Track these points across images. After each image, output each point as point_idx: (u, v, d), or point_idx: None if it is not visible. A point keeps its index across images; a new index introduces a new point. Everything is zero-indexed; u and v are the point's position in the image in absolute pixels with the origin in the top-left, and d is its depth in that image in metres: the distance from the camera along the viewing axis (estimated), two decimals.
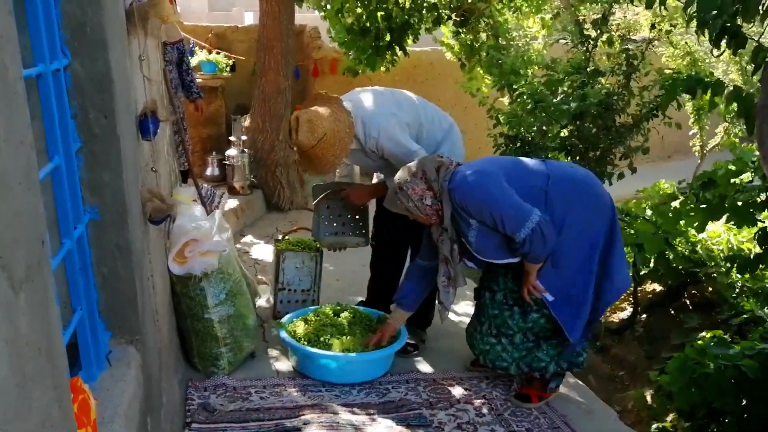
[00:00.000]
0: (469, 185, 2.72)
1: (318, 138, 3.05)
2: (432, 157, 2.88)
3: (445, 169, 2.80)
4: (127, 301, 1.88)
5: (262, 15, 5.99)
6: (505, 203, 2.66)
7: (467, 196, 2.72)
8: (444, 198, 2.78)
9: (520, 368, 2.99)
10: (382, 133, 3.13)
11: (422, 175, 2.80)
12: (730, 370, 3.29)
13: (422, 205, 2.80)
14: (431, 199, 2.80)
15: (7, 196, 0.84)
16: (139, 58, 2.25)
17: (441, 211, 2.82)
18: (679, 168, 8.60)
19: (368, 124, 3.15)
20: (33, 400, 0.89)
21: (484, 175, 2.74)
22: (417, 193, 2.80)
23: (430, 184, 2.79)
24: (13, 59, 0.90)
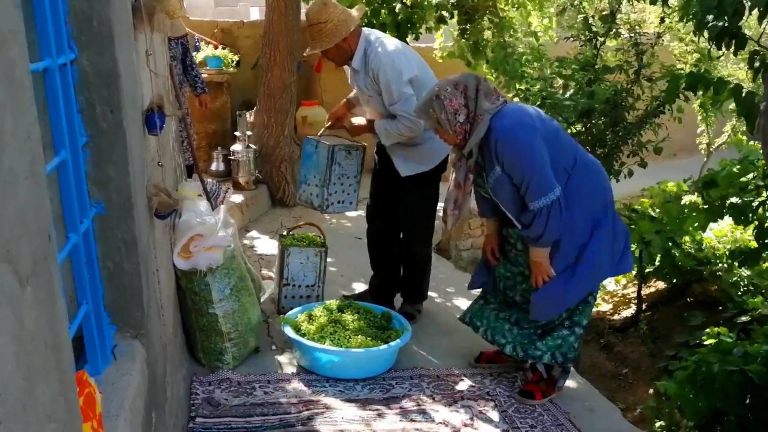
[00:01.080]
0: (516, 135, 2.68)
1: (319, 21, 3.34)
2: (477, 76, 2.81)
3: (489, 97, 2.74)
4: (133, 295, 1.89)
5: (268, 11, 5.98)
6: (538, 167, 2.66)
7: (508, 144, 2.68)
8: (479, 125, 2.72)
9: (516, 351, 3.02)
10: (389, 64, 3.32)
11: (463, 90, 2.73)
12: (736, 374, 3.28)
13: (454, 120, 2.74)
14: (464, 117, 2.74)
15: (13, 190, 0.84)
16: (145, 52, 2.25)
17: (469, 134, 2.76)
18: (685, 166, 8.58)
19: (381, 52, 3.37)
20: (39, 393, 0.89)
21: (531, 131, 2.70)
22: (453, 105, 2.73)
23: (468, 102, 2.73)
24: (21, 53, 0.90)
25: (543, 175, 2.67)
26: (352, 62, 3.45)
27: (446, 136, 2.81)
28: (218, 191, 5.25)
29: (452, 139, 2.81)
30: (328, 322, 3.31)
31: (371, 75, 3.39)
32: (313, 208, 3.83)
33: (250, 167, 6.02)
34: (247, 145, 6.03)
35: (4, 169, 0.81)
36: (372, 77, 3.39)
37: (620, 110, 4.55)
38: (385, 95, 3.37)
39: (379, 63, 3.35)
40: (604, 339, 5.54)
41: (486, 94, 2.74)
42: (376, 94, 3.44)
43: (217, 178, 6.13)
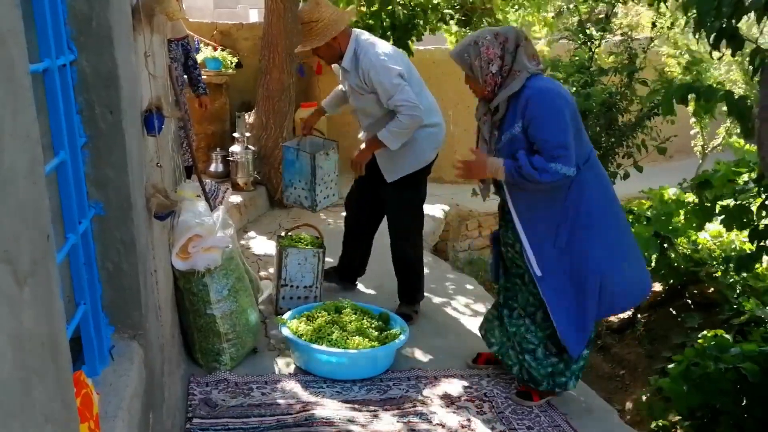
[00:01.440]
0: (551, 99, 2.68)
1: (312, 19, 3.47)
2: (520, 32, 2.78)
3: (529, 57, 2.71)
4: (131, 296, 1.89)
5: (267, 13, 5.99)
6: (563, 135, 2.65)
7: (541, 105, 2.66)
8: (513, 80, 2.70)
9: (521, 374, 3.00)
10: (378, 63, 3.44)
11: (503, 42, 2.71)
12: (731, 372, 3.30)
13: (486, 69, 2.72)
14: (497, 69, 2.72)
15: (12, 190, 0.84)
16: (144, 54, 2.25)
17: (499, 87, 2.74)
18: (681, 168, 8.58)
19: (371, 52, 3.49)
20: (36, 394, 0.89)
21: (565, 104, 2.70)
22: (489, 54, 2.71)
23: (505, 55, 2.71)
24: (20, 54, 0.90)
25: (567, 144, 2.65)
26: (343, 62, 3.55)
27: (475, 86, 2.80)
28: (217, 192, 5.25)
29: (480, 90, 2.79)
30: (325, 323, 3.31)
31: (361, 75, 3.49)
32: (303, 207, 4.03)
33: (249, 168, 6.02)
34: (246, 146, 6.03)
35: (4, 169, 0.81)
36: (362, 77, 3.48)
37: (614, 112, 4.56)
38: (381, 92, 3.45)
39: (369, 63, 3.44)
40: (602, 340, 5.55)
41: (526, 53, 2.72)
42: (366, 92, 3.54)
43: (215, 179, 6.14)
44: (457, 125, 8.85)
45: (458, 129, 8.85)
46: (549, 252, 2.79)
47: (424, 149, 3.61)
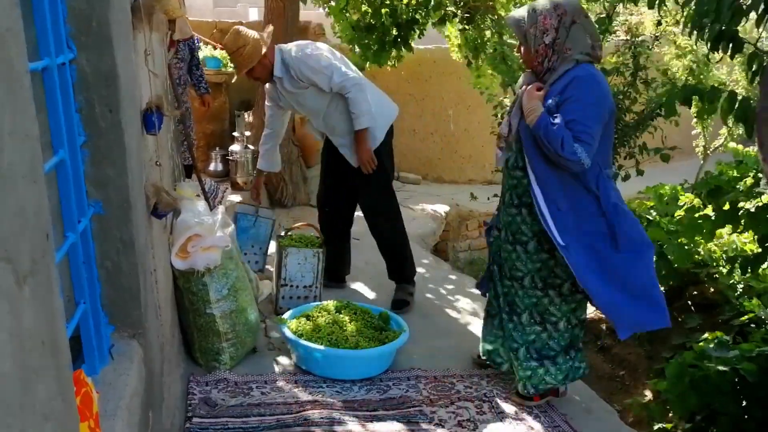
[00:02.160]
0: (598, 85, 2.64)
1: (238, 45, 3.69)
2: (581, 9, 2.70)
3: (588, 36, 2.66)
4: (130, 295, 1.89)
5: (267, 11, 5.98)
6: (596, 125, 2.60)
7: (586, 88, 2.61)
8: (561, 61, 2.65)
9: (526, 388, 2.97)
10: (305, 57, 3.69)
11: (561, 14, 2.62)
12: (730, 372, 3.29)
13: (541, 39, 2.65)
14: (550, 40, 2.64)
15: (11, 189, 0.84)
16: (144, 52, 2.25)
17: (549, 60, 2.67)
18: (682, 168, 8.58)
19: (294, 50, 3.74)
20: (36, 393, 0.89)
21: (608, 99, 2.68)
22: (546, 24, 2.63)
23: (560, 27, 2.63)
24: (19, 52, 0.90)
25: (593, 133, 2.59)
26: (274, 72, 3.75)
27: (527, 55, 2.73)
28: (216, 191, 5.24)
29: (531, 59, 2.72)
30: (325, 322, 3.31)
31: (294, 74, 3.69)
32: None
33: (248, 168, 6.02)
34: (246, 145, 6.03)
35: (3, 168, 0.81)
36: (296, 75, 3.69)
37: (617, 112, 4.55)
38: (319, 79, 3.68)
39: (297, 59, 3.69)
40: (601, 341, 5.54)
41: (586, 31, 2.66)
42: (305, 88, 3.74)
43: (215, 179, 6.14)
44: (457, 125, 8.86)
45: (458, 129, 8.86)
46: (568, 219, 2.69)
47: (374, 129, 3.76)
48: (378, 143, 3.80)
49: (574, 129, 2.58)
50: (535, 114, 2.65)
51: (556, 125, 2.59)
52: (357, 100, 3.65)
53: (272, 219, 4.34)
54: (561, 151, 2.57)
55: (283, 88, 3.80)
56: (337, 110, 3.76)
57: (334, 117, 3.79)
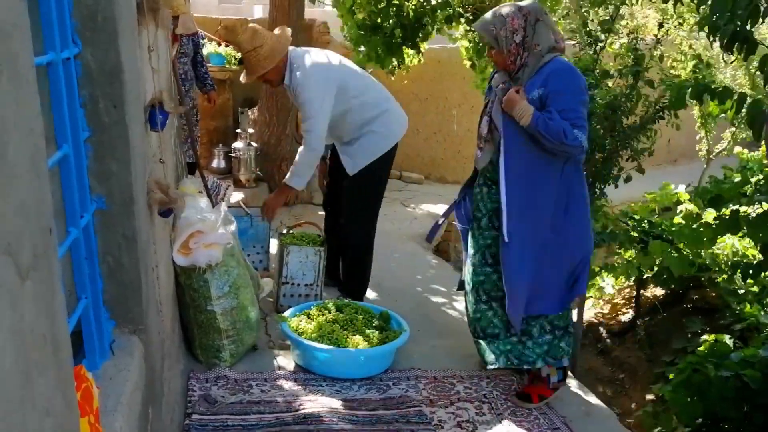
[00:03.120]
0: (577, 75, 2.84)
1: (254, 46, 3.53)
2: (541, 8, 2.86)
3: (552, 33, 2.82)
4: (132, 290, 1.89)
5: (272, 9, 5.98)
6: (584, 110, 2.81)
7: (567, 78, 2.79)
8: (532, 57, 2.80)
9: (509, 360, 3.03)
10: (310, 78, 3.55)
11: (526, 14, 2.79)
12: (732, 379, 3.29)
13: (511, 39, 2.79)
14: (520, 39, 2.78)
15: (15, 183, 0.84)
16: (148, 48, 2.25)
17: (521, 58, 2.81)
18: (686, 172, 8.59)
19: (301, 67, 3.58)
20: (37, 388, 0.89)
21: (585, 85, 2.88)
22: (514, 25, 2.78)
23: (527, 26, 2.78)
24: (25, 47, 0.90)
25: (585, 118, 2.78)
26: (284, 80, 3.65)
27: (498, 57, 2.85)
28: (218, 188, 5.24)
29: (503, 60, 2.84)
30: (326, 321, 3.31)
31: (291, 89, 3.63)
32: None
33: (251, 165, 6.02)
34: (249, 142, 6.03)
35: (7, 162, 0.81)
36: (291, 92, 3.64)
37: (618, 114, 4.54)
38: (302, 111, 3.63)
39: (297, 81, 3.57)
40: (602, 344, 5.54)
41: (548, 26, 2.81)
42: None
43: (217, 175, 6.14)
44: (461, 125, 8.86)
45: (461, 129, 8.86)
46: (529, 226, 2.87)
47: (379, 138, 3.74)
48: (379, 155, 3.75)
49: (569, 117, 2.74)
50: (528, 113, 2.76)
51: (552, 119, 2.72)
52: (299, 161, 3.66)
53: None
54: (565, 140, 2.71)
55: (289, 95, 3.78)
56: (341, 119, 3.70)
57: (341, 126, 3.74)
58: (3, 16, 0.81)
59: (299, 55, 3.64)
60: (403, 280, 4.59)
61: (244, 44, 3.57)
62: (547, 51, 2.80)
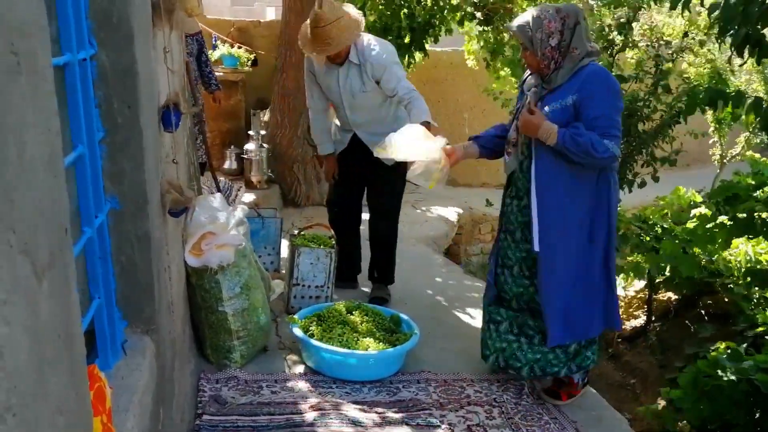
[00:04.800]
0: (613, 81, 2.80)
1: (337, 17, 3.48)
2: (581, 12, 2.82)
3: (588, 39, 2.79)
4: (144, 291, 1.89)
5: (285, 11, 6.00)
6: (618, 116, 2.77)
7: (603, 82, 2.74)
8: (570, 61, 2.74)
9: (533, 371, 3.01)
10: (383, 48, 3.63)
11: (564, 17, 2.73)
12: (744, 383, 3.26)
13: (546, 42, 2.73)
14: (556, 42, 2.73)
15: (33, 182, 0.84)
16: (163, 50, 2.26)
17: (556, 62, 2.76)
18: (699, 176, 8.54)
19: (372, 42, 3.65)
20: (50, 385, 0.89)
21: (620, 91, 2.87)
22: (550, 28, 2.72)
23: (564, 30, 2.73)
24: (44, 47, 0.91)
25: (619, 126, 2.75)
26: (350, 57, 3.63)
27: (532, 59, 2.80)
28: (230, 190, 5.25)
29: (537, 63, 2.79)
30: (336, 323, 3.31)
31: (370, 68, 3.60)
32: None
33: (263, 166, 6.03)
34: (261, 144, 6.04)
35: (25, 162, 0.82)
36: (370, 71, 3.60)
37: (635, 119, 4.51)
38: (388, 78, 3.57)
39: (376, 55, 3.59)
40: (613, 348, 5.51)
41: (586, 34, 2.78)
42: (371, 88, 3.66)
43: (229, 177, 6.16)
44: (472, 128, 8.84)
45: (473, 131, 8.84)
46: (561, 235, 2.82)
47: None
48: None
49: (602, 125, 2.68)
50: (553, 133, 2.70)
51: (580, 134, 2.66)
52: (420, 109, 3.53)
53: (279, 218, 4.43)
54: (596, 154, 2.66)
55: (348, 76, 3.69)
56: (386, 110, 3.79)
57: (380, 114, 3.79)
58: (23, 17, 0.82)
59: (366, 37, 3.70)
60: (414, 283, 4.59)
61: (327, 15, 3.46)
62: (584, 55, 2.74)
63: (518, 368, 3.04)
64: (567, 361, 2.98)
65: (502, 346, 3.08)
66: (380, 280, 4.19)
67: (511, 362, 3.06)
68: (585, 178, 2.78)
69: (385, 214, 4.06)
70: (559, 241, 2.81)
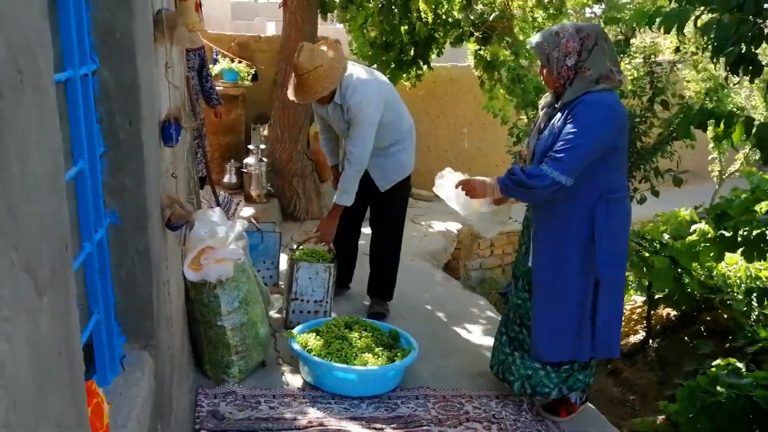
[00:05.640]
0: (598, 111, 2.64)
1: (314, 66, 3.48)
2: (602, 32, 2.76)
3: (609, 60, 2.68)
4: (143, 305, 1.89)
5: (286, 26, 6.03)
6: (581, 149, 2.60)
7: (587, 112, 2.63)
8: (580, 80, 2.67)
9: (524, 387, 3.01)
10: (367, 101, 3.59)
11: (584, 37, 2.66)
12: (743, 399, 3.25)
13: (563, 62, 2.68)
14: (573, 62, 2.67)
15: (35, 199, 0.85)
16: (165, 65, 2.27)
17: (572, 82, 2.69)
18: (697, 192, 8.53)
19: (365, 87, 3.62)
20: (50, 402, 0.89)
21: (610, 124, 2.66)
22: (568, 47, 2.67)
23: (582, 50, 2.66)
24: (47, 63, 0.91)
25: (576, 157, 2.60)
26: (334, 98, 3.67)
27: (548, 77, 2.76)
28: (229, 204, 5.26)
29: (553, 81, 2.74)
30: (335, 338, 3.30)
31: (345, 109, 3.64)
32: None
33: (263, 180, 6.04)
34: (260, 158, 6.05)
35: (28, 179, 0.82)
36: (344, 111, 3.65)
37: (633, 135, 4.52)
38: (353, 129, 3.64)
39: (354, 102, 3.58)
40: (612, 364, 5.49)
41: (605, 53, 2.67)
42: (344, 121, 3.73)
43: (228, 191, 6.17)
44: (471, 143, 8.87)
45: (472, 147, 8.86)
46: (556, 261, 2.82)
47: (409, 156, 4.01)
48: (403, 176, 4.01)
49: (556, 147, 2.64)
50: (491, 185, 2.80)
51: (513, 173, 2.72)
52: (348, 178, 3.72)
53: (278, 233, 4.45)
54: (533, 184, 2.64)
55: (334, 113, 3.76)
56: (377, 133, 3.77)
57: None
58: (28, 34, 0.83)
59: (348, 75, 3.63)
60: (413, 298, 4.58)
61: (304, 64, 3.49)
62: (597, 77, 2.65)
63: (512, 382, 3.05)
64: (559, 383, 2.95)
65: (501, 359, 3.10)
66: (379, 296, 4.20)
67: (507, 375, 3.08)
68: (580, 207, 2.74)
69: (388, 230, 4.11)
70: (554, 261, 2.81)
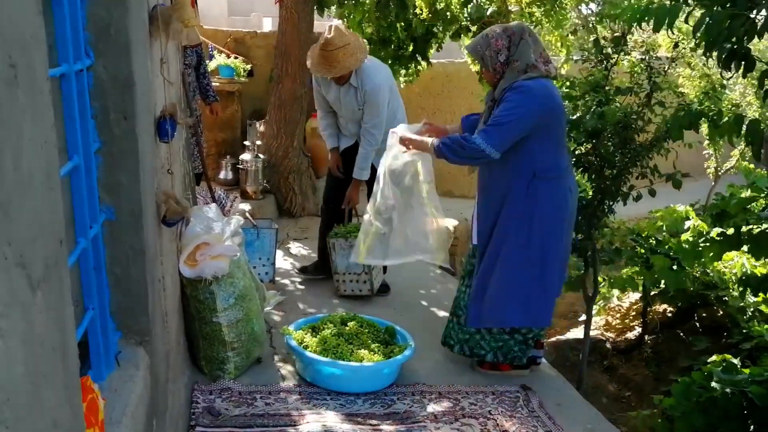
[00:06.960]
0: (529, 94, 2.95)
1: (345, 43, 3.84)
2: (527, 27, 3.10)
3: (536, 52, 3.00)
4: (138, 302, 1.89)
5: (281, 22, 6.01)
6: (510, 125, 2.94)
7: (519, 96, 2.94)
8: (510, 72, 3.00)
9: (463, 350, 3.40)
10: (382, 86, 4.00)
11: (510, 35, 3.01)
12: (737, 395, 3.26)
13: (495, 59, 3.02)
14: (504, 58, 3.01)
15: (29, 194, 0.84)
16: (160, 61, 2.26)
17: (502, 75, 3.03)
18: (693, 189, 8.53)
19: (379, 73, 4.03)
20: (45, 398, 0.89)
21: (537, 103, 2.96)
22: (498, 45, 3.01)
23: (510, 46, 3.00)
24: (41, 59, 0.91)
25: (504, 133, 2.94)
26: (350, 80, 3.99)
27: (487, 74, 3.11)
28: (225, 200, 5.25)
29: (491, 77, 3.09)
30: (331, 335, 3.30)
31: (360, 93, 3.97)
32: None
33: (259, 177, 6.03)
34: (256, 154, 6.05)
35: (22, 174, 0.82)
36: (360, 95, 3.99)
37: (629, 132, 4.52)
38: (370, 112, 4.01)
39: (372, 86, 3.97)
40: (608, 361, 5.51)
41: (529, 47, 2.99)
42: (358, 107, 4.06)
43: (225, 187, 6.15)
44: None
45: None
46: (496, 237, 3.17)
47: None
48: None
49: (488, 122, 2.99)
50: (426, 142, 3.14)
51: (448, 137, 3.07)
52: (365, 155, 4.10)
53: (274, 229, 4.47)
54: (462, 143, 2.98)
55: (346, 96, 4.06)
56: None
57: None
58: (22, 30, 0.82)
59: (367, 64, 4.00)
60: (409, 294, 4.58)
61: (335, 40, 3.83)
62: (524, 68, 2.97)
63: (451, 346, 3.44)
64: (494, 347, 3.32)
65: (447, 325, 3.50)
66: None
67: (447, 340, 3.46)
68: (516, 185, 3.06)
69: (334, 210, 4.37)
70: (493, 236, 3.17)
